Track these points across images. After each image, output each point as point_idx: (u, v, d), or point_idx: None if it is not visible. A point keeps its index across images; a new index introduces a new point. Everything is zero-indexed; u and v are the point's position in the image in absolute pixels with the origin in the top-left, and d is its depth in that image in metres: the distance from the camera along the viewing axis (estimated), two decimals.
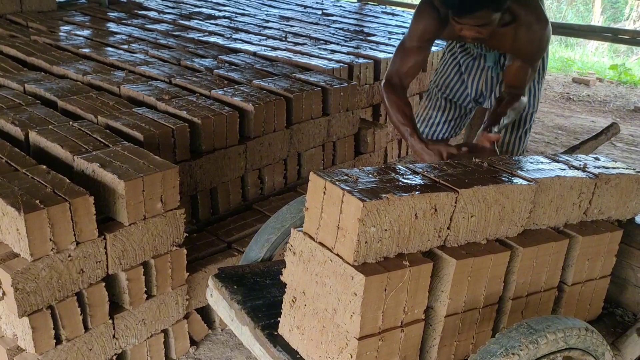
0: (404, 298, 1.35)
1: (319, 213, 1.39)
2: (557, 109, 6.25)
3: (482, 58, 2.68)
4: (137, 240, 2.02)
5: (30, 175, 1.93)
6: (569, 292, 1.72)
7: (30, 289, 1.75)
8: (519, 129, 2.74)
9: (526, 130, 2.76)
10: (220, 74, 3.35)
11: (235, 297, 1.72)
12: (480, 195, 1.43)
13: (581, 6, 14.26)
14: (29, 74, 3.12)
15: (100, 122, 2.54)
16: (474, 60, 2.72)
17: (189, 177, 2.58)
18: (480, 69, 2.72)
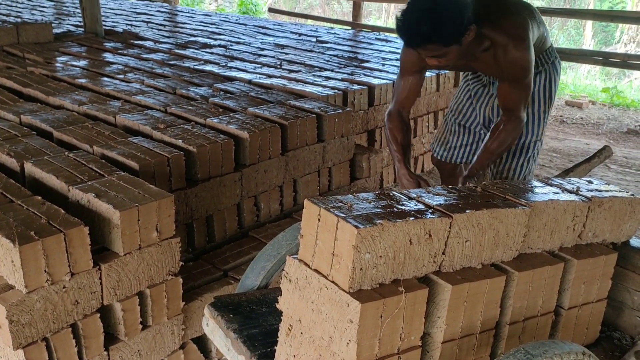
0: (400, 325, 1.35)
1: (314, 240, 1.39)
2: (551, 132, 6.29)
3: (491, 85, 2.73)
4: (133, 270, 2.01)
5: (25, 207, 1.93)
6: (566, 316, 1.72)
7: (25, 321, 1.73)
8: (520, 156, 2.74)
9: (529, 158, 2.74)
10: (216, 102, 3.38)
11: (232, 326, 1.70)
12: (475, 220, 1.43)
13: (572, 30, 14.47)
14: (25, 105, 3.14)
15: (95, 152, 2.54)
16: (484, 88, 2.78)
17: (184, 205, 2.58)
18: (489, 96, 2.76)
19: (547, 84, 2.67)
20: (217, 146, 2.69)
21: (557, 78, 2.70)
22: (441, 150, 3.08)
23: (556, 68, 2.70)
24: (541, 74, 2.66)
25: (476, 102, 2.82)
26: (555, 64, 2.70)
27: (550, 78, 2.67)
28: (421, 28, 2.10)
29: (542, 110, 2.69)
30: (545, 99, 2.68)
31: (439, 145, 3.09)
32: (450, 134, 3.00)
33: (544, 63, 2.65)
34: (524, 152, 2.73)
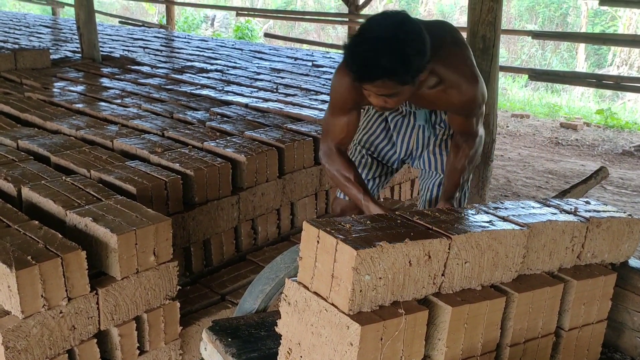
0: (400, 347, 1.34)
1: (313, 262, 1.39)
2: (546, 154, 6.33)
3: (411, 116, 2.38)
4: (130, 294, 1.99)
5: (22, 231, 1.92)
6: (566, 338, 1.71)
7: (21, 347, 1.71)
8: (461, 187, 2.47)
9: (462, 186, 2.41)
10: (213, 126, 3.39)
11: (230, 350, 1.69)
12: (474, 241, 1.43)
13: (565, 53, 14.65)
14: (23, 130, 3.15)
15: (93, 176, 2.54)
16: (403, 119, 2.41)
17: (181, 229, 2.57)
18: (410, 127, 2.41)
19: None
20: (214, 169, 2.70)
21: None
22: None
23: None
24: None
25: (396, 135, 2.45)
26: None
27: None
28: (381, 61, 1.73)
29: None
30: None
31: None
32: (359, 166, 2.49)
33: None
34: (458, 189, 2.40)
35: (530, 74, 6.78)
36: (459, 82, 2.04)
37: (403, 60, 1.74)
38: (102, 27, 8.81)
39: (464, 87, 2.05)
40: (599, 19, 14.29)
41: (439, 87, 2.03)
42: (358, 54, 1.78)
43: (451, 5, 17.61)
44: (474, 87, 2.07)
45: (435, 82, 2.01)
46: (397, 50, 1.73)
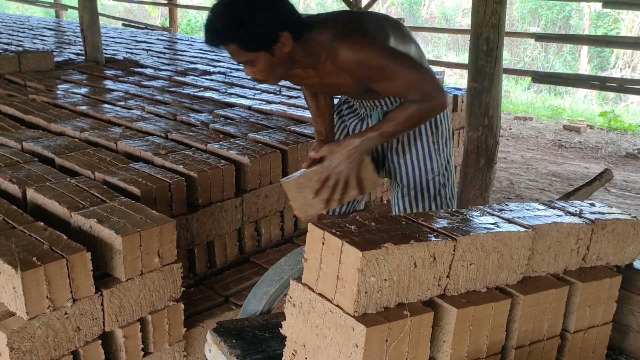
0: (405, 349, 1.33)
1: (318, 264, 1.38)
2: (549, 156, 6.32)
3: (369, 119, 2.32)
4: (134, 295, 2.00)
5: (27, 233, 1.92)
6: (571, 340, 1.70)
7: (26, 348, 1.72)
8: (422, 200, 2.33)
9: (433, 198, 2.33)
10: (216, 128, 3.40)
11: (235, 351, 1.69)
12: (479, 243, 1.43)
13: (568, 56, 14.64)
14: (27, 132, 3.16)
15: (97, 178, 2.55)
16: (362, 122, 2.36)
17: (185, 231, 2.58)
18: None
19: None
20: (218, 171, 2.70)
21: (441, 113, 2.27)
22: None
23: None
24: None
25: None
26: None
27: None
28: (217, 24, 1.82)
29: (431, 141, 2.28)
30: (432, 129, 2.28)
31: None
32: None
33: None
34: (425, 193, 2.33)
35: (534, 77, 6.78)
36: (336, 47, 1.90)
37: (233, 23, 1.79)
38: (106, 30, 8.83)
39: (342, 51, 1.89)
40: (602, 22, 14.28)
41: (327, 59, 1.95)
42: (206, 22, 1.86)
43: (453, 8, 17.62)
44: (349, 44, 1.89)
45: (323, 56, 1.94)
46: (227, 15, 1.80)
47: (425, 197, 2.32)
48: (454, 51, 15.43)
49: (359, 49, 1.90)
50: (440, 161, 2.32)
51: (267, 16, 1.82)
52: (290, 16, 1.89)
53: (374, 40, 1.92)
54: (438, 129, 2.30)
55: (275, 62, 1.90)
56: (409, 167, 2.31)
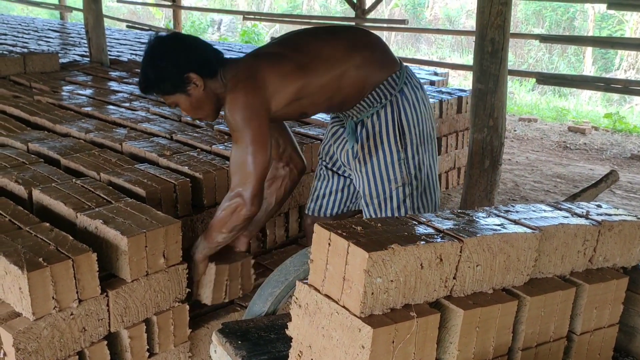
0: (412, 350, 1.33)
1: (324, 265, 1.38)
2: (554, 158, 6.31)
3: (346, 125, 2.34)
4: (140, 296, 2.00)
5: (33, 233, 1.93)
6: (578, 342, 1.70)
7: (31, 348, 1.72)
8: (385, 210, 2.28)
9: (397, 207, 2.27)
10: (221, 129, 3.40)
11: (240, 352, 1.69)
12: (485, 244, 1.43)
13: (572, 57, 14.61)
14: (33, 133, 3.16)
15: (102, 179, 2.55)
16: (341, 129, 2.38)
17: (191, 232, 2.58)
18: (342, 138, 2.36)
19: (395, 118, 2.19)
20: (223, 173, 2.70)
21: (409, 108, 2.21)
22: (311, 204, 2.55)
23: (406, 96, 2.20)
24: (386, 108, 2.19)
25: (334, 144, 2.41)
26: (405, 91, 2.20)
27: (399, 110, 2.19)
28: (140, 78, 2.19)
29: (395, 150, 2.21)
30: (396, 138, 2.20)
31: (309, 198, 2.59)
32: (319, 180, 2.51)
33: (386, 94, 2.19)
34: (388, 203, 2.27)
35: (538, 78, 6.77)
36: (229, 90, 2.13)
37: (146, 76, 2.15)
38: (110, 32, 8.85)
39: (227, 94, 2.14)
40: (606, 23, 14.25)
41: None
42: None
43: (457, 9, 17.62)
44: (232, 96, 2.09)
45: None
46: (143, 69, 2.17)
47: (389, 207, 2.27)
48: (458, 52, 15.43)
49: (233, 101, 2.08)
50: (407, 171, 2.24)
51: (170, 63, 2.09)
52: (198, 58, 2.12)
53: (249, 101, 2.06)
54: (405, 135, 2.21)
55: (195, 101, 2.15)
56: (369, 176, 2.25)
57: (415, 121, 2.23)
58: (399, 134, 2.21)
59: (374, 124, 2.21)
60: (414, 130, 2.23)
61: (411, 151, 2.23)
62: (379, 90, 2.18)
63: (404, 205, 2.26)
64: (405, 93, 2.20)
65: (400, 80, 2.20)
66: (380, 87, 2.18)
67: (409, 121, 2.22)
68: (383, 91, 2.18)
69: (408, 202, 2.27)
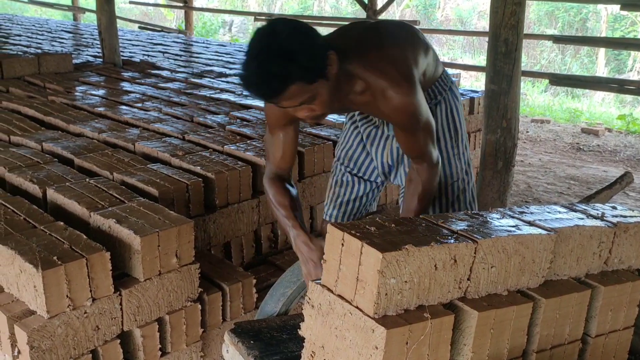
0: (425, 352, 1.32)
1: (337, 265, 1.38)
2: (568, 159, 6.26)
3: (384, 126, 2.24)
4: (152, 296, 2.00)
5: (48, 232, 1.94)
6: (593, 344, 1.68)
7: (45, 346, 1.73)
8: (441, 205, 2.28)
9: (451, 204, 2.28)
10: (233, 129, 3.41)
11: (252, 352, 1.69)
12: (500, 246, 1.42)
13: (585, 58, 14.50)
14: (47, 133, 3.19)
15: (115, 178, 2.57)
16: (377, 129, 2.27)
17: (202, 232, 2.58)
18: (384, 138, 2.26)
19: (449, 116, 2.22)
20: (235, 173, 2.70)
21: (458, 106, 2.24)
22: (333, 211, 2.42)
23: (455, 95, 2.24)
24: (440, 105, 2.20)
25: (370, 147, 2.30)
26: (453, 90, 2.24)
27: (451, 107, 2.22)
28: (270, 72, 1.61)
29: (450, 146, 2.22)
30: (450, 134, 2.23)
31: (329, 205, 2.43)
32: (341, 186, 2.38)
33: (440, 92, 2.19)
34: (442, 199, 2.27)
35: (551, 79, 6.72)
36: (384, 86, 1.83)
37: (291, 60, 1.61)
38: (122, 32, 8.90)
39: (389, 92, 1.83)
40: (619, 24, 14.14)
41: (367, 92, 1.87)
42: (249, 78, 1.67)
43: (469, 10, 17.55)
44: (402, 93, 1.84)
45: (362, 87, 1.86)
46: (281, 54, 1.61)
47: (443, 203, 2.28)
48: (470, 54, 15.36)
49: (402, 99, 1.85)
50: (460, 166, 2.26)
51: (310, 39, 1.69)
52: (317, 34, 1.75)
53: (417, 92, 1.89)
54: (458, 132, 2.25)
55: (332, 87, 1.75)
56: None
57: (461, 120, 2.28)
58: (452, 130, 2.23)
59: None
60: (463, 128, 2.28)
61: (462, 147, 2.27)
62: (434, 87, 2.18)
63: (457, 200, 2.28)
64: (453, 91, 2.24)
65: (448, 79, 2.23)
66: (436, 84, 2.18)
67: (460, 118, 2.25)
68: (438, 88, 2.19)
69: (461, 197, 2.29)
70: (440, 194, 2.27)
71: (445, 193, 2.27)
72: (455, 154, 2.25)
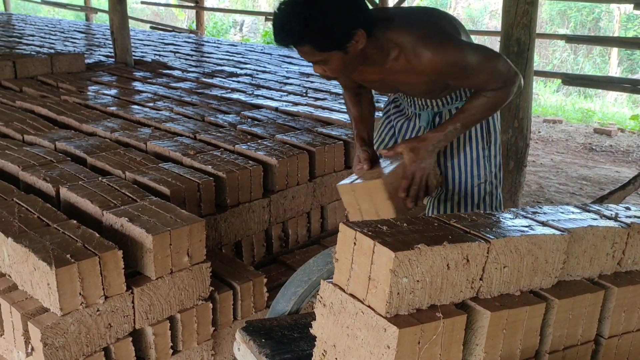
0: (438, 352, 1.32)
1: (349, 264, 1.38)
2: (580, 160, 6.22)
3: (416, 118, 2.29)
4: (164, 294, 2.01)
5: (61, 230, 1.95)
6: (606, 345, 1.67)
7: (59, 344, 1.74)
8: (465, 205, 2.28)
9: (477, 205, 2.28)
10: (244, 129, 3.42)
11: (264, 350, 1.69)
12: (513, 246, 1.41)
13: (598, 58, 14.39)
14: (60, 132, 3.21)
15: (128, 177, 2.58)
16: (409, 122, 2.33)
17: (213, 231, 2.59)
18: (416, 130, 2.31)
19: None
20: (246, 172, 2.71)
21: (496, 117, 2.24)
22: None
23: None
24: None
25: (402, 140, 2.34)
26: None
27: None
28: (291, 25, 1.77)
29: (482, 147, 2.23)
30: (483, 135, 2.22)
31: None
32: None
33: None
34: (468, 200, 2.27)
35: (564, 79, 6.67)
36: (414, 43, 1.88)
37: (307, 23, 1.74)
38: (134, 32, 8.94)
39: (419, 47, 1.87)
40: (632, 24, 14.02)
41: (401, 57, 1.92)
42: (274, 21, 1.83)
43: (480, 10, 17.47)
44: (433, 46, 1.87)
45: (396, 54, 1.92)
46: (301, 14, 1.74)
47: (469, 204, 2.27)
48: None
49: (443, 51, 1.89)
50: (489, 168, 2.26)
51: (341, 14, 1.77)
52: (364, 13, 1.84)
53: (455, 41, 1.92)
54: (491, 135, 2.24)
55: (349, 60, 1.87)
56: (455, 171, 2.25)
57: (495, 122, 2.26)
58: (485, 131, 2.22)
59: None
60: (497, 130, 2.26)
61: (494, 149, 2.26)
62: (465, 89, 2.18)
63: (483, 202, 2.28)
64: None
65: None
66: None
67: (494, 121, 2.25)
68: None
69: (487, 200, 2.28)
70: (466, 194, 2.27)
71: (472, 194, 2.27)
72: (486, 155, 2.24)
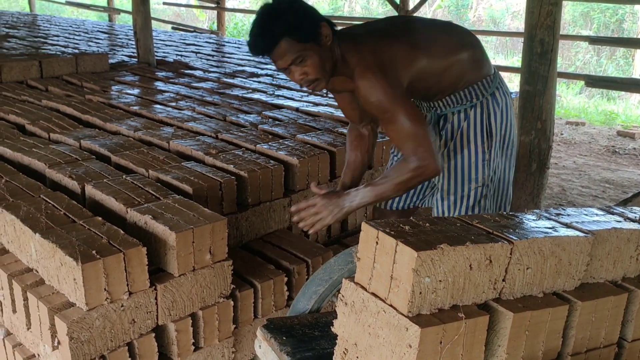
0: (459, 352, 1.32)
1: (371, 263, 1.39)
2: (603, 162, 6.14)
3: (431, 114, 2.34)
4: (186, 291, 2.04)
5: (86, 227, 1.99)
6: (629, 349, 1.65)
7: (84, 338, 1.77)
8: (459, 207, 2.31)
9: (472, 206, 2.30)
10: (265, 129, 3.44)
11: (285, 348, 1.70)
12: (536, 247, 1.40)
13: (621, 60, 14.19)
14: (84, 131, 3.26)
15: (151, 175, 2.61)
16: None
17: (235, 229, 2.61)
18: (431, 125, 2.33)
19: (484, 121, 2.23)
20: (267, 171, 2.73)
21: (498, 112, 2.25)
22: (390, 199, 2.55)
23: (497, 100, 2.24)
24: (475, 108, 2.22)
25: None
26: (496, 95, 2.24)
27: (488, 113, 2.23)
28: (265, 27, 1.91)
29: (481, 151, 2.24)
30: (483, 139, 2.24)
31: None
32: None
33: (478, 95, 2.21)
34: (464, 201, 2.29)
35: (587, 81, 6.59)
36: (353, 69, 2.00)
37: (279, 19, 1.89)
38: (156, 33, 9.03)
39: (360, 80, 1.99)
40: None
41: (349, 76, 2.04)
42: (250, 35, 1.97)
43: (502, 11, 17.33)
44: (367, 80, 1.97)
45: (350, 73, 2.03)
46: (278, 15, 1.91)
47: (464, 205, 2.30)
48: (503, 54, 15.17)
49: (369, 87, 1.98)
50: (488, 172, 2.28)
51: (305, 10, 1.96)
52: (320, 14, 2.00)
53: (386, 82, 1.99)
54: (492, 139, 2.25)
55: (323, 55, 1.96)
56: (451, 172, 2.28)
57: (501, 125, 2.27)
58: (486, 135, 2.25)
59: (460, 121, 2.23)
60: (499, 134, 2.28)
61: (494, 154, 2.28)
62: (471, 89, 2.22)
63: (478, 205, 2.31)
64: (496, 97, 2.25)
65: (492, 84, 2.25)
66: (474, 86, 2.22)
67: (497, 124, 2.26)
68: (475, 91, 2.22)
69: (482, 203, 2.31)
70: (462, 196, 2.29)
71: (468, 196, 2.29)
72: (485, 159, 2.26)
